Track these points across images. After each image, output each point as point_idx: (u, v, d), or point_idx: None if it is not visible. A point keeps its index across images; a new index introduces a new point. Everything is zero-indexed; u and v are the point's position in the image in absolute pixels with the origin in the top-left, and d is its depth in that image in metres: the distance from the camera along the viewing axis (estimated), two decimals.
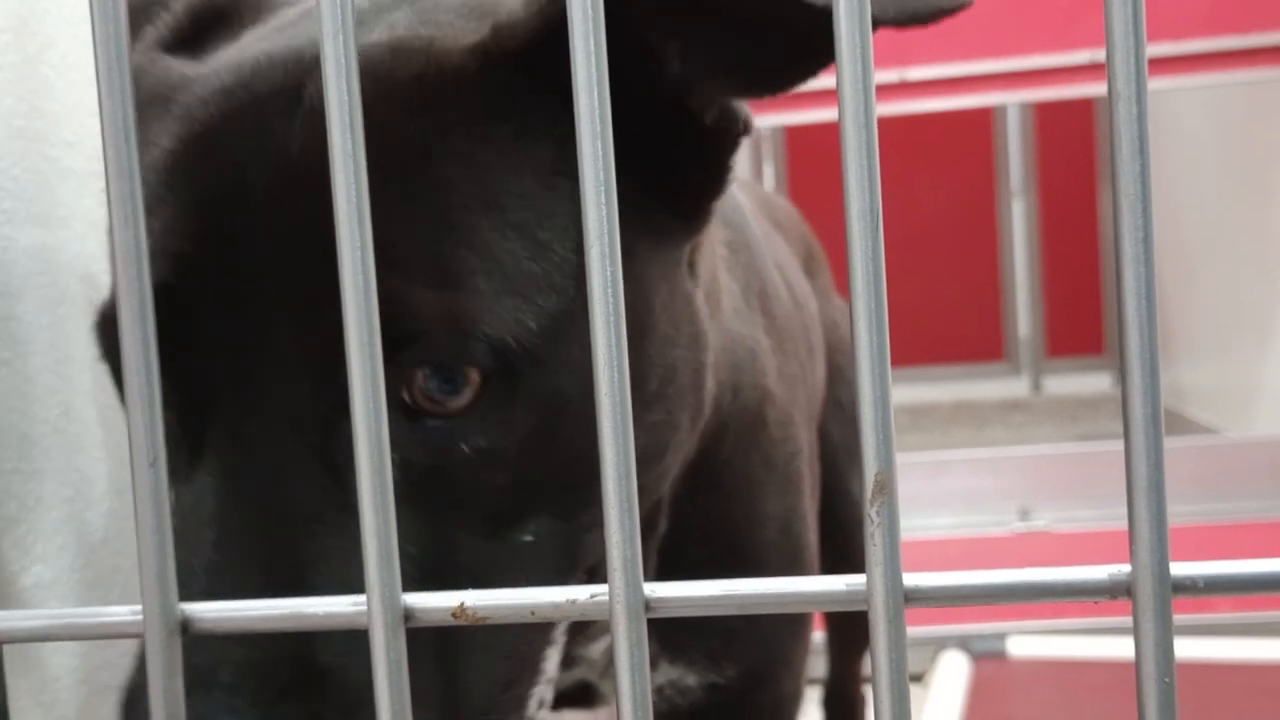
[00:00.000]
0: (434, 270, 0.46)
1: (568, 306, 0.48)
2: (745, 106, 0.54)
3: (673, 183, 0.54)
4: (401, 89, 0.48)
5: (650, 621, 0.33)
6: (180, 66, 0.53)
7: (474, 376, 0.46)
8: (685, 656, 0.71)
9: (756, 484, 0.71)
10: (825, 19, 0.41)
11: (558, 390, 0.48)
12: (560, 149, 0.49)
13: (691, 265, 0.59)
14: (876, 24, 0.36)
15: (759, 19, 0.47)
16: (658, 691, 0.72)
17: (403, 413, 0.46)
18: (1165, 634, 0.31)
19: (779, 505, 0.74)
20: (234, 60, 0.51)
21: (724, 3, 0.47)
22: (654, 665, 0.69)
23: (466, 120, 0.48)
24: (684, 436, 0.58)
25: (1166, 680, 0.31)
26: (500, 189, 0.48)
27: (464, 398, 0.46)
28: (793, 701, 0.79)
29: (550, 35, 0.47)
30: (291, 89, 0.48)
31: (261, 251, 0.46)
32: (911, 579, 0.32)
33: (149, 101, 0.51)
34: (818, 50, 0.47)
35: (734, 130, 0.54)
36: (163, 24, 0.57)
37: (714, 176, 0.55)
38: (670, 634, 0.69)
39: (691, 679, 0.71)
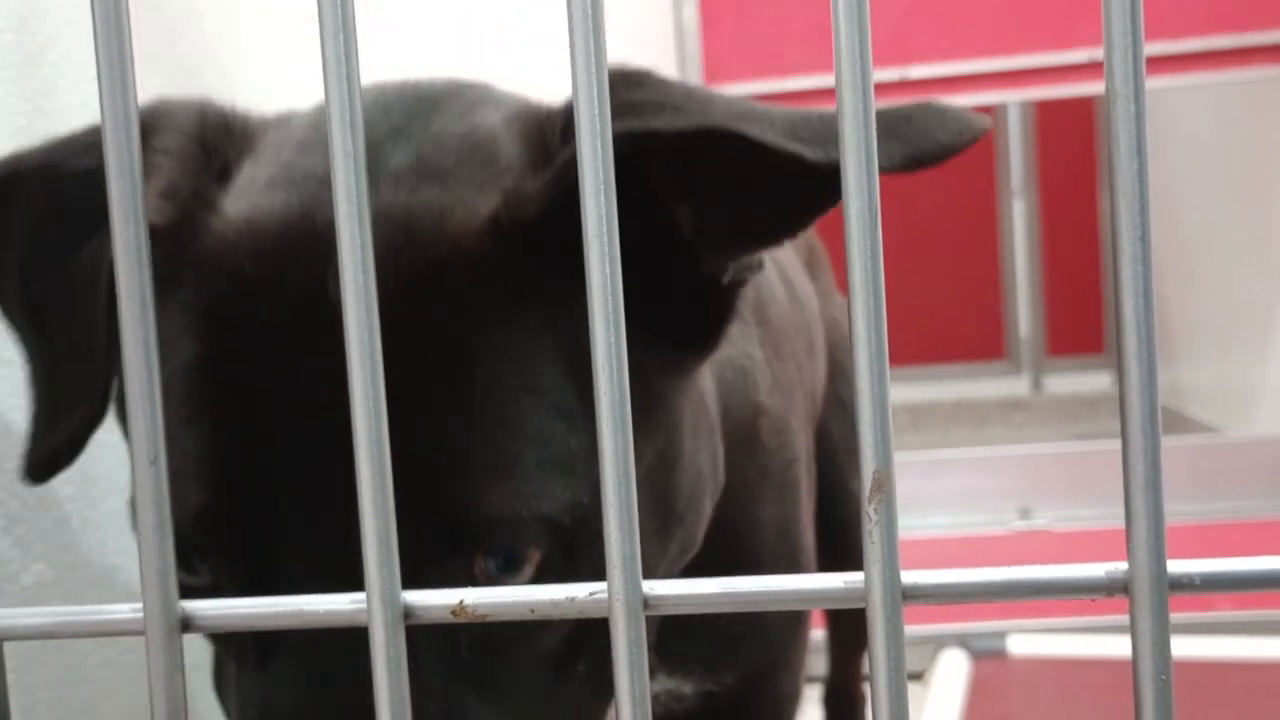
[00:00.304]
0: (489, 466, 0.46)
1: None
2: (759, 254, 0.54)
3: (690, 327, 0.54)
4: (424, 278, 0.46)
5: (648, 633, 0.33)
6: (190, 237, 0.50)
7: (534, 555, 0.47)
8: (684, 668, 0.71)
9: (752, 492, 0.71)
10: (833, 169, 0.41)
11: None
12: (579, 318, 0.48)
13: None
14: (883, 171, 0.36)
15: (767, 179, 0.46)
16: (654, 699, 0.72)
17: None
18: (1162, 632, 0.31)
19: (776, 512, 0.74)
20: (248, 236, 0.48)
21: (731, 167, 0.47)
22: (651, 676, 0.69)
23: (495, 305, 0.48)
24: (707, 514, 0.60)
25: (1163, 678, 0.31)
26: (536, 371, 0.47)
27: (524, 574, 0.47)
28: (792, 701, 0.79)
29: (561, 205, 0.47)
30: (317, 278, 0.46)
31: (312, 457, 0.45)
32: (909, 576, 0.32)
33: (164, 278, 0.45)
34: (828, 193, 0.46)
35: (747, 278, 0.54)
36: (162, 172, 0.52)
37: (728, 309, 0.55)
38: (669, 646, 0.69)
39: (688, 688, 0.71)
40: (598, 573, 0.48)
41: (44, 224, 0.54)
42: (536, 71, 1.60)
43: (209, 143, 0.53)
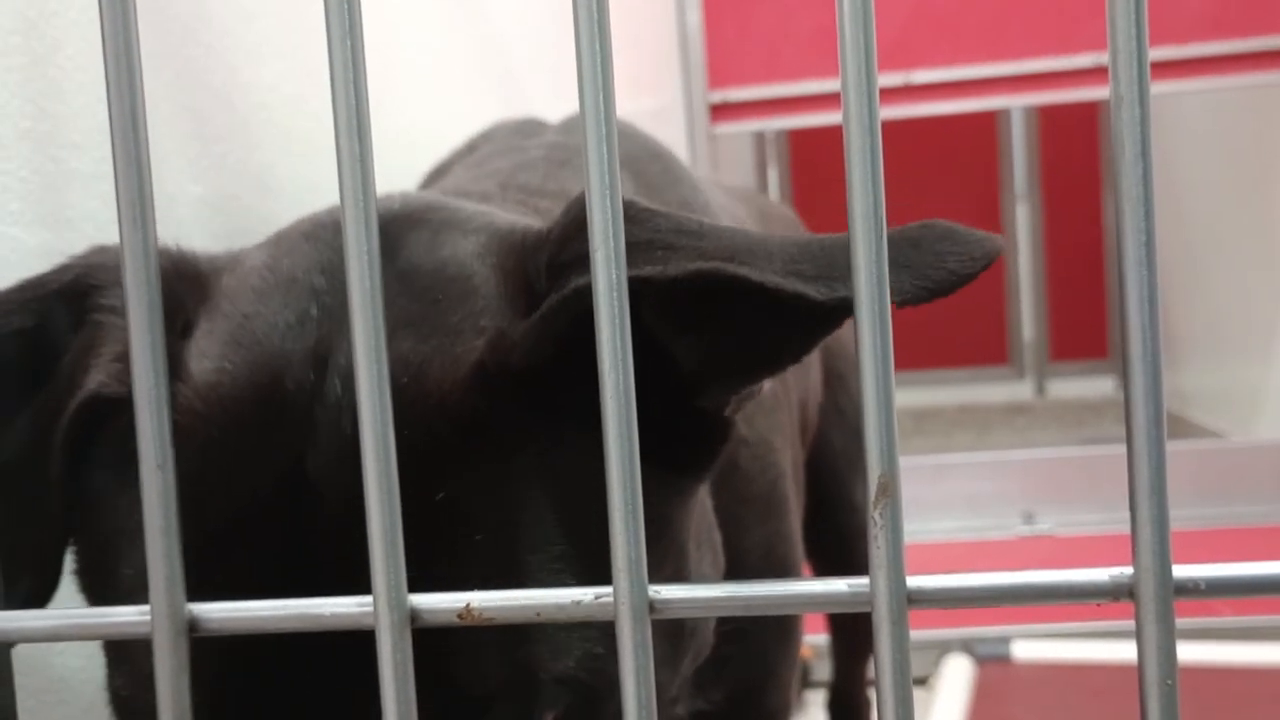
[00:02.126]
0: (498, 631, 0.42)
1: None
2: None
3: (689, 454, 0.51)
4: (406, 442, 0.39)
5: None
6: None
7: (550, 715, 0.44)
8: (684, 694, 0.71)
9: (734, 520, 0.69)
10: (838, 305, 0.39)
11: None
12: (577, 459, 0.45)
13: None
14: (899, 304, 0.33)
15: (767, 314, 0.43)
16: None
17: None
18: (1167, 636, 0.31)
19: (759, 534, 0.73)
20: (218, 407, 0.45)
21: (730, 302, 0.43)
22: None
23: (485, 461, 0.44)
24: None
25: (1169, 683, 0.31)
26: (532, 523, 0.45)
27: None
28: (782, 713, 0.79)
29: (551, 349, 0.45)
30: (294, 455, 0.44)
31: (301, 650, 0.42)
32: (914, 581, 0.32)
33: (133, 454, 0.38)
34: (832, 321, 0.43)
35: (747, 404, 0.52)
36: (117, 333, 0.48)
37: (728, 434, 0.52)
38: None
39: (680, 708, 0.71)
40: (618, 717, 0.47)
41: None
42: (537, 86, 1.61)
43: (166, 297, 0.43)
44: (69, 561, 0.49)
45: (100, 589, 0.48)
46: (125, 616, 0.36)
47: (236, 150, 0.84)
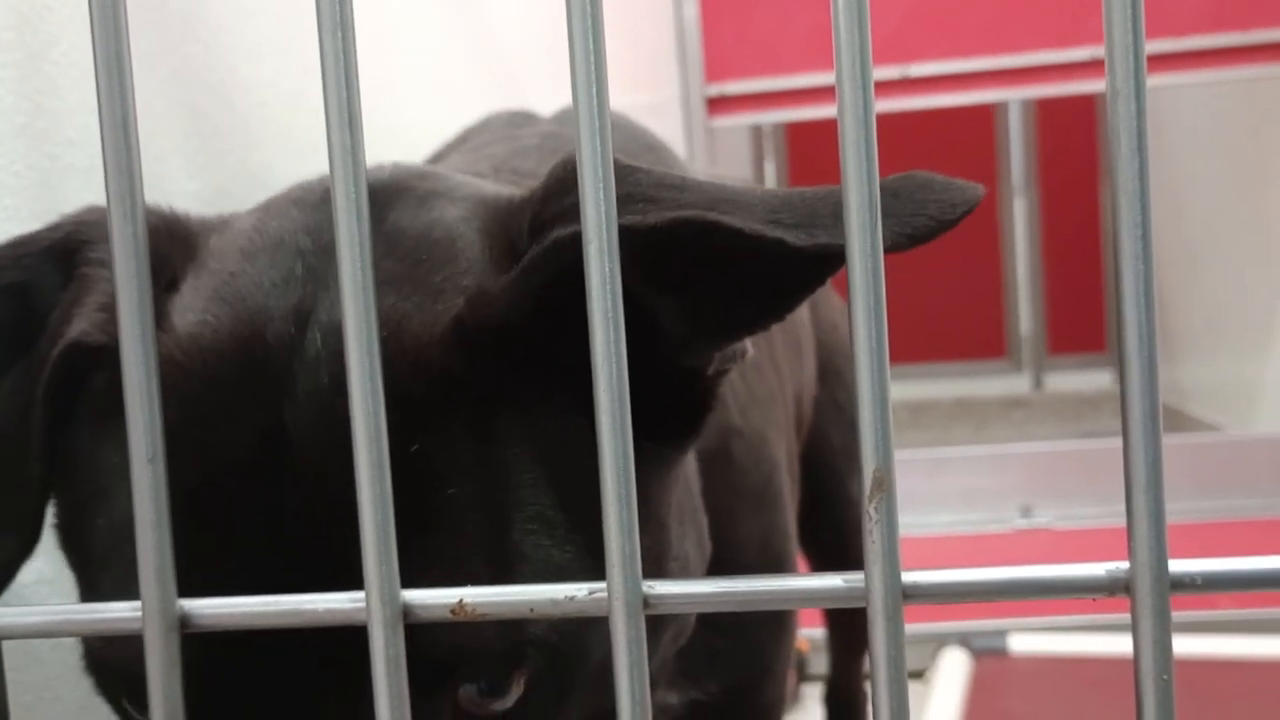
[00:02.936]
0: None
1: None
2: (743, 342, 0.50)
3: (673, 421, 0.50)
4: (392, 395, 0.39)
5: None
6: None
7: (520, 676, 0.44)
8: (666, 678, 0.70)
9: (728, 513, 0.69)
10: (819, 254, 0.39)
11: (603, 666, 0.45)
12: (560, 419, 0.45)
13: None
14: (888, 251, 0.33)
15: (750, 266, 0.43)
16: None
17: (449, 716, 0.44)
18: (1163, 631, 0.31)
19: (752, 527, 0.73)
20: (199, 360, 0.45)
21: (712, 256, 0.43)
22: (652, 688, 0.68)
23: (463, 419, 0.44)
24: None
25: (1164, 677, 0.31)
26: (512, 485, 0.45)
27: (512, 696, 0.44)
28: (776, 707, 0.79)
29: (531, 304, 0.44)
30: (274, 410, 0.44)
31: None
32: (910, 576, 0.32)
33: (115, 403, 0.38)
34: (816, 274, 0.43)
35: (730, 367, 0.51)
36: (102, 285, 0.48)
37: (712, 399, 0.51)
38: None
39: (673, 698, 0.70)
40: (583, 692, 0.46)
41: None
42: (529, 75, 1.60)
43: (154, 254, 0.44)
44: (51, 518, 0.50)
45: (77, 543, 0.48)
46: (116, 613, 0.36)
47: (235, 148, 0.84)
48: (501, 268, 0.47)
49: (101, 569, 0.46)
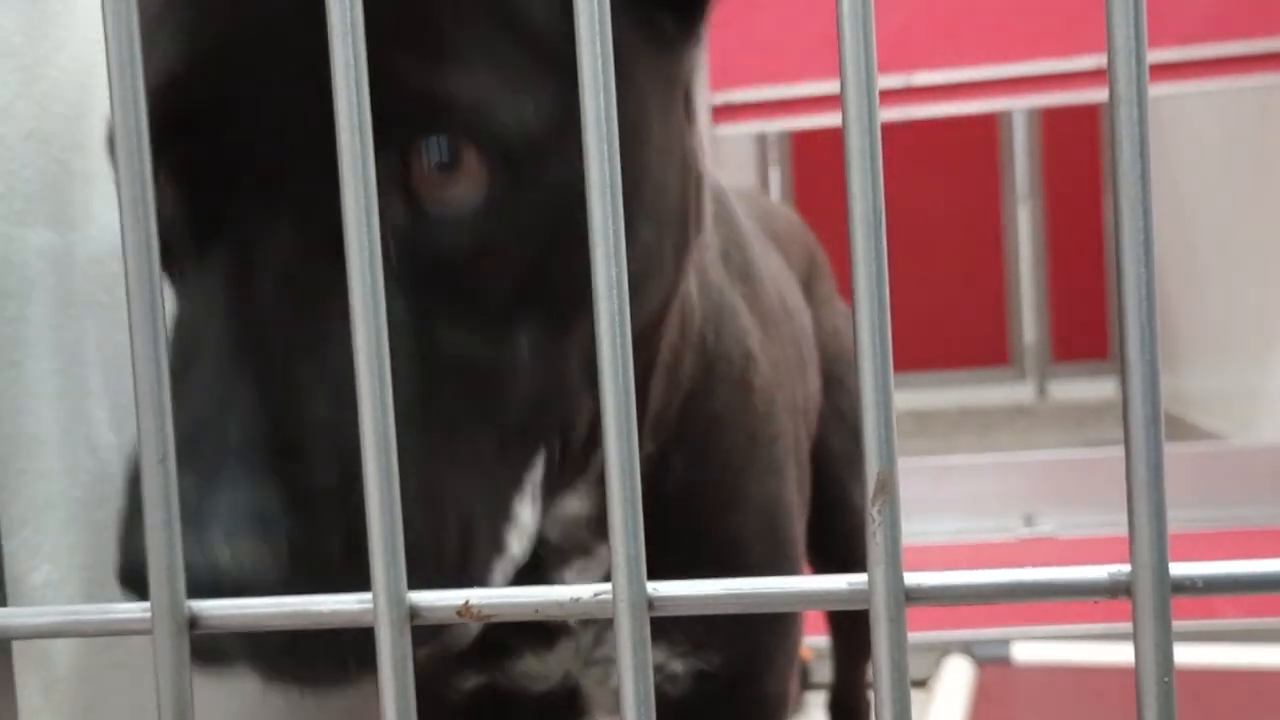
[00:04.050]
0: (428, 48, 0.44)
1: (565, 109, 0.46)
2: None
3: (673, 20, 0.52)
4: None
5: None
6: None
7: (473, 162, 0.45)
8: (667, 637, 0.71)
9: (739, 456, 0.71)
10: None
11: (560, 189, 0.47)
12: None
13: (687, 108, 0.58)
14: None
15: None
16: None
17: (405, 202, 0.46)
18: (1165, 634, 0.31)
19: (762, 488, 0.74)
20: None
21: None
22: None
23: None
24: (669, 270, 0.57)
25: (1166, 680, 0.31)
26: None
27: (464, 184, 0.46)
28: (779, 702, 0.79)
29: None
30: None
31: (274, 49, 0.44)
32: (912, 578, 0.32)
33: None
34: None
35: None
36: None
37: None
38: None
39: (679, 665, 0.71)
40: (540, 213, 0.47)
41: None
42: None
43: None
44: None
45: None
46: (125, 613, 0.36)
47: None
48: None
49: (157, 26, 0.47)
